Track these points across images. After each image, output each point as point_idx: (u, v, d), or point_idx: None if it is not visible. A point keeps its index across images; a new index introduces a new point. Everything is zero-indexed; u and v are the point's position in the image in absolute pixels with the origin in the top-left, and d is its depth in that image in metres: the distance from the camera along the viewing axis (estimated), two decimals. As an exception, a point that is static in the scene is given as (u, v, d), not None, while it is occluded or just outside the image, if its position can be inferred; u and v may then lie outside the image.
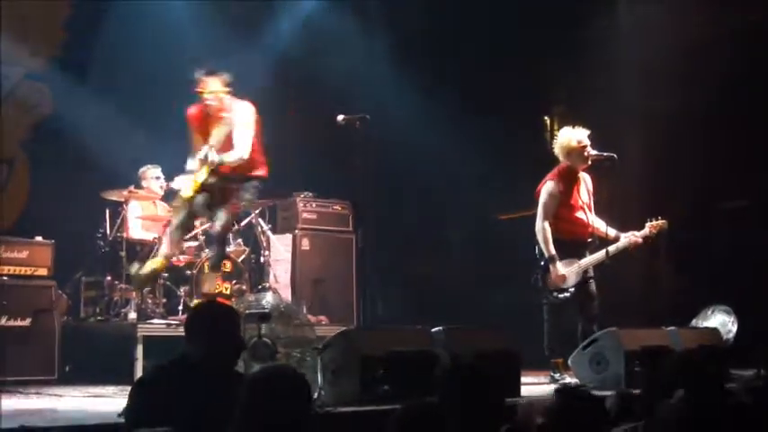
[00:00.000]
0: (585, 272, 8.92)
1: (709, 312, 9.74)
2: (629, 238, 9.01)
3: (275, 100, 12.08)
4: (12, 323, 8.75)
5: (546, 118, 12.46)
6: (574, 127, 9.10)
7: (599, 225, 9.06)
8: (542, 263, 8.92)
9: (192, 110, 9.13)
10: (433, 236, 12.58)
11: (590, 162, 9.03)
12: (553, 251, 8.84)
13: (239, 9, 12.07)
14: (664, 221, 9.10)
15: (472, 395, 4.36)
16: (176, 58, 11.70)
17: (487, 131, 11.75)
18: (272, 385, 3.98)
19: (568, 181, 9.03)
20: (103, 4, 11.23)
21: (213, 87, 8.97)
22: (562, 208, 8.97)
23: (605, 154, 9.02)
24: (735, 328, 9.57)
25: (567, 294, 8.85)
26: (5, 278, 8.94)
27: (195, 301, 9.36)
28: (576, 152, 8.98)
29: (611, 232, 9.07)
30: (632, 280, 10.98)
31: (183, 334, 4.93)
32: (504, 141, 11.74)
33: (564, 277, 8.84)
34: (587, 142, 8.99)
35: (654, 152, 11.26)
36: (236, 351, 4.98)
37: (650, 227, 9.07)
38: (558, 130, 9.66)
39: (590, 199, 9.13)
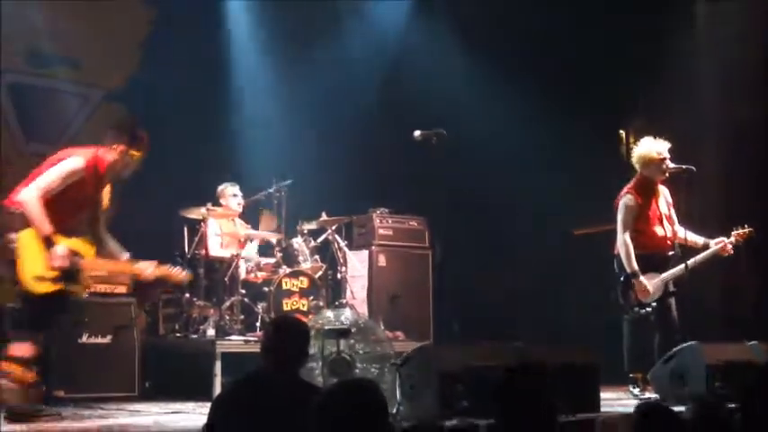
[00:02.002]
0: (667, 285, 8.81)
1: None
2: (720, 244, 8.91)
3: (351, 117, 12.12)
4: (93, 340, 8.84)
5: (622, 131, 12.35)
6: (655, 138, 9.02)
7: (686, 234, 8.96)
8: (622, 277, 8.82)
9: None
10: (508, 251, 12.50)
11: (667, 175, 8.95)
12: (635, 265, 8.72)
13: (313, 25, 12.14)
14: (750, 229, 8.93)
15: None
16: (251, 75, 11.84)
17: (562, 146, 11.68)
18: (350, 399, 3.97)
19: (646, 193, 8.94)
20: (180, 20, 11.30)
21: None
22: (640, 221, 8.87)
23: (683, 167, 8.93)
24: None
25: (648, 309, 8.74)
26: (86, 296, 9.02)
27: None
28: (654, 163, 8.90)
29: (700, 240, 8.99)
30: (712, 292, 10.81)
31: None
32: (578, 156, 11.65)
33: (647, 291, 8.74)
34: (667, 155, 8.90)
35: (731, 165, 11.12)
36: (301, 363, 5.09)
37: (736, 235, 8.91)
38: (635, 143, 9.57)
39: (670, 210, 9.03)
